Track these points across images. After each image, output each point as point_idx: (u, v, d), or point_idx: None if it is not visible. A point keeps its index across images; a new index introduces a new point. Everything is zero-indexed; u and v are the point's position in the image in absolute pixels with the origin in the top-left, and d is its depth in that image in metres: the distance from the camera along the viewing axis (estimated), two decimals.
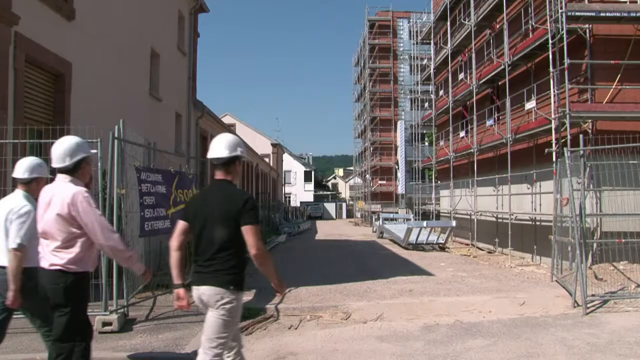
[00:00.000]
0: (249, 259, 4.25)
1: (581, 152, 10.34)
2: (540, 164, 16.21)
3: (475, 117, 21.75)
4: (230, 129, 27.29)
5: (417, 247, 21.85)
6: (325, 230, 40.13)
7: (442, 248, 21.99)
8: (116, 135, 8.08)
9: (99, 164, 7.76)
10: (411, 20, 44.25)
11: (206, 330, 4.20)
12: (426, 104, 40.95)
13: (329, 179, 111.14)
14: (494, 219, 20.52)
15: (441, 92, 29.21)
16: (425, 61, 35.51)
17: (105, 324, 7.45)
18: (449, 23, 25.11)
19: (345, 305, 9.44)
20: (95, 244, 4.48)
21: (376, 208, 48.49)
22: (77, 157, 4.54)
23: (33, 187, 5.09)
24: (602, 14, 13.99)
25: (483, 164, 21.45)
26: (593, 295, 9.49)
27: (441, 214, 29.22)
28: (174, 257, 4.37)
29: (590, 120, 14.24)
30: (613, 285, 10.80)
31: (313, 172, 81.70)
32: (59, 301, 4.39)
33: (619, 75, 14.18)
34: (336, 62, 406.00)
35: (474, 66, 21.99)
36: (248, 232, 4.12)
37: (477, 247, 21.53)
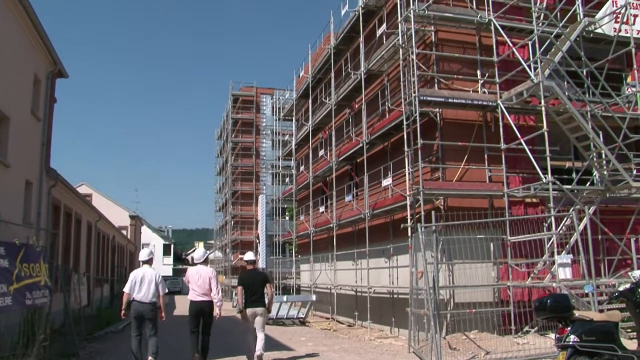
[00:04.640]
0: None
1: (433, 227, 10.88)
2: (396, 238, 16.81)
3: (334, 192, 22.35)
4: (85, 199, 25.73)
5: (278, 321, 21.51)
6: (183, 306, 38.41)
7: (303, 322, 21.85)
8: None
9: None
10: (274, 97, 45.51)
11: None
12: (287, 179, 41.60)
13: (189, 252, 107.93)
14: (353, 293, 20.81)
15: (302, 168, 29.86)
16: (287, 137, 36.43)
17: None
18: (310, 101, 26.06)
19: None
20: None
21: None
22: (206, 256, 10.41)
23: (150, 263, 9.97)
24: (449, 100, 15.17)
25: (342, 239, 21.90)
26: None
27: (301, 288, 29.26)
28: None
29: (441, 197, 15.14)
30: (465, 354, 11.21)
31: (172, 246, 79.04)
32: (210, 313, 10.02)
33: (466, 156, 15.32)
34: (198, 134, 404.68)
35: (333, 143, 22.80)
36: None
37: (338, 321, 21.64)
